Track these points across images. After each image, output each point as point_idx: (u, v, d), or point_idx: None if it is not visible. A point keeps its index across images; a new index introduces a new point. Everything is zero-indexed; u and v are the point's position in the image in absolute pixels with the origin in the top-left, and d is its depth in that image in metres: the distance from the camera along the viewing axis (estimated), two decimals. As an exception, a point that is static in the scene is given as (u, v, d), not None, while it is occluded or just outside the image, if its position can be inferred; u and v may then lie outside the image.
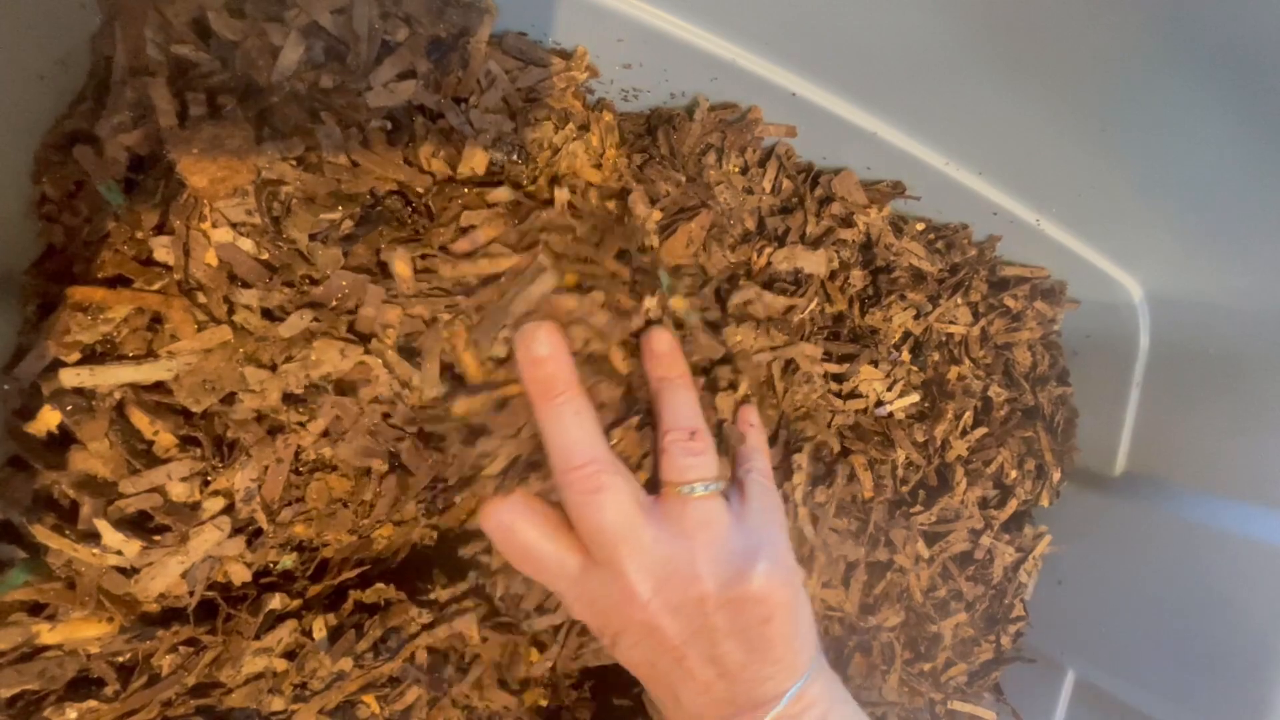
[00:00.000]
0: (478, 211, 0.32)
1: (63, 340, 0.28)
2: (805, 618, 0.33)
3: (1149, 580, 0.50)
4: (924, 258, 0.50)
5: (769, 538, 0.32)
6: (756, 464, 0.35)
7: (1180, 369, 0.51)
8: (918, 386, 0.49)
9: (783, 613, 0.31)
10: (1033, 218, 0.49)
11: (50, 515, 0.28)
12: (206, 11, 0.30)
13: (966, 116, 0.41)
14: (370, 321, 0.32)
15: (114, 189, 0.29)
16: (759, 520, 0.33)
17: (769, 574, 0.30)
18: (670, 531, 0.30)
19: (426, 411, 0.33)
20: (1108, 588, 0.53)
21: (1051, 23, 0.33)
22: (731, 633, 0.30)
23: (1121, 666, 0.50)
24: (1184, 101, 0.35)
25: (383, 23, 0.32)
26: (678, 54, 0.38)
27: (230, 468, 0.31)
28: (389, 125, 0.32)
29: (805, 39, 0.38)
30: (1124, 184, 0.43)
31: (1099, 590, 0.53)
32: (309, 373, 0.31)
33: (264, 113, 0.30)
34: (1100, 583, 0.53)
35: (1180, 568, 0.49)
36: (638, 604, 0.30)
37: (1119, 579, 0.52)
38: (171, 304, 0.29)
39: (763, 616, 0.30)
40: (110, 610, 0.30)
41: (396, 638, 0.36)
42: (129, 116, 0.29)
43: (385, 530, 0.37)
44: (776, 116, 0.43)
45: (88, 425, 0.28)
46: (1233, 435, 0.48)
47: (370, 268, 0.32)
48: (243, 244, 0.30)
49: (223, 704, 0.33)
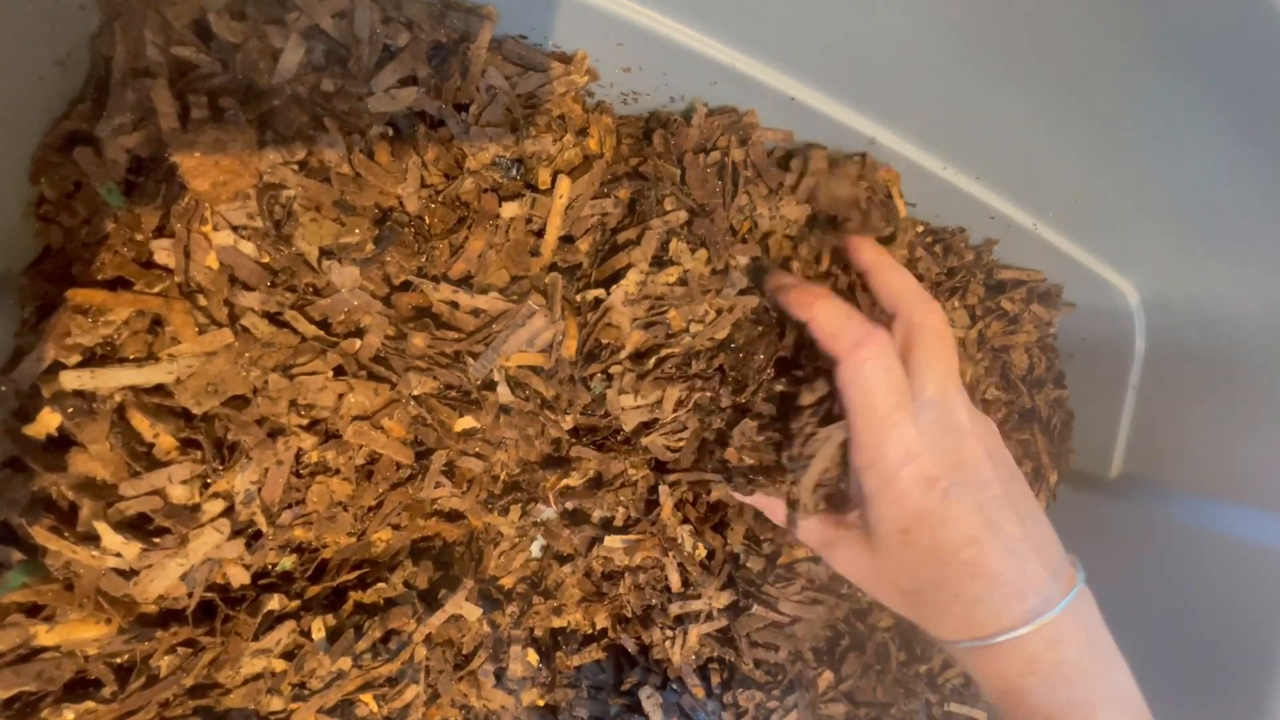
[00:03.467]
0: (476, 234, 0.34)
1: (63, 342, 0.28)
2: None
3: (1146, 583, 0.50)
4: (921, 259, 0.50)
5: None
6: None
7: (1176, 372, 0.51)
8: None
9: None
10: (1030, 222, 0.49)
11: (49, 517, 0.28)
12: (207, 13, 0.30)
13: (965, 121, 0.41)
14: (371, 349, 0.33)
15: (114, 191, 0.29)
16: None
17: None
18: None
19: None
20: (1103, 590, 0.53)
21: (1050, 28, 0.33)
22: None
23: (1116, 668, 0.50)
24: (1182, 107, 0.35)
25: (384, 27, 0.32)
26: (677, 58, 0.38)
27: (230, 470, 0.31)
28: (390, 132, 0.32)
29: (805, 44, 0.38)
30: (1121, 189, 0.43)
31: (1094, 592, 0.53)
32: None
33: (265, 116, 0.30)
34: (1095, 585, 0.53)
35: (1176, 570, 0.49)
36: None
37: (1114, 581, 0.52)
38: (172, 307, 0.29)
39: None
40: (108, 611, 0.30)
41: (397, 639, 0.36)
42: (129, 118, 0.29)
43: (384, 533, 0.37)
44: (775, 121, 0.43)
45: (88, 428, 0.28)
46: (1228, 438, 0.48)
47: (379, 292, 0.33)
48: (244, 247, 0.30)
49: (221, 704, 0.34)
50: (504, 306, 0.35)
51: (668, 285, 0.38)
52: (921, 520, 0.30)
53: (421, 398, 0.35)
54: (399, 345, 0.34)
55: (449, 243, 0.34)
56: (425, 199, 0.34)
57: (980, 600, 0.31)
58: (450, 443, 0.36)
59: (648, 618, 0.45)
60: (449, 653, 0.40)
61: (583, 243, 0.38)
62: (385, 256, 0.33)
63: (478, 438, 0.38)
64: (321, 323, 0.32)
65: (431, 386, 0.35)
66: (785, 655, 0.45)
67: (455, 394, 0.36)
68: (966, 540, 0.30)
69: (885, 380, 0.30)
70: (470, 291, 0.35)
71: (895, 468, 0.30)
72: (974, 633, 0.31)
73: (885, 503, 0.31)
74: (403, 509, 0.37)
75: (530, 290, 0.36)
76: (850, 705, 0.46)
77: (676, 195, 0.39)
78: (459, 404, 0.36)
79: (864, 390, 0.30)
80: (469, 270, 0.35)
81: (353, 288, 0.32)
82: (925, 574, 0.31)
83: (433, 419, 0.35)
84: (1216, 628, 0.46)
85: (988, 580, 0.31)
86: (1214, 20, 0.30)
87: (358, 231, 0.32)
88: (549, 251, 0.37)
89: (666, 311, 0.38)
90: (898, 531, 0.31)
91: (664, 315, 0.38)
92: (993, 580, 0.31)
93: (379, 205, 0.33)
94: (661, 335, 0.38)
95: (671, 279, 0.38)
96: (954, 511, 0.30)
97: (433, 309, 0.35)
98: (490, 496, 0.41)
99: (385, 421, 0.34)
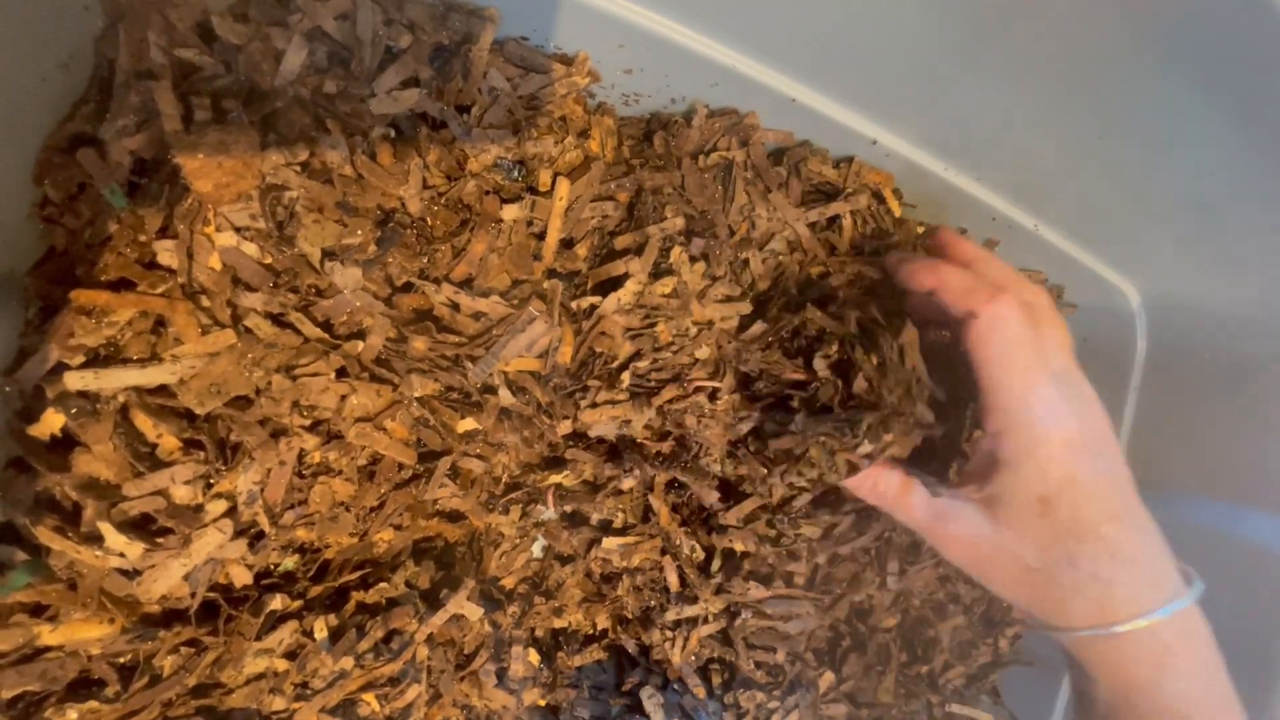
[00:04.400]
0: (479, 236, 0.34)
1: (67, 343, 0.28)
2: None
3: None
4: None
5: None
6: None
7: (1177, 374, 0.51)
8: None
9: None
10: (1031, 223, 0.49)
11: (52, 517, 0.28)
12: (210, 15, 0.30)
13: (965, 122, 0.41)
14: (373, 351, 0.33)
15: (117, 192, 0.29)
16: None
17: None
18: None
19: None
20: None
21: (1050, 29, 0.33)
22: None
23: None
24: (1182, 108, 0.35)
25: (386, 29, 0.32)
26: (679, 59, 0.38)
27: (233, 470, 0.31)
28: (392, 133, 0.32)
29: (806, 45, 0.38)
30: (1122, 190, 0.43)
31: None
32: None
33: (268, 117, 0.30)
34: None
35: (1175, 571, 0.49)
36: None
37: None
38: (176, 307, 0.29)
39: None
40: (112, 611, 0.30)
41: (399, 638, 0.36)
42: (133, 120, 0.29)
43: (385, 534, 0.37)
44: (776, 122, 0.43)
45: (92, 428, 0.28)
46: (1229, 439, 0.48)
47: (381, 294, 0.33)
48: (247, 248, 0.30)
49: (224, 704, 0.34)
50: (505, 311, 0.35)
51: (664, 296, 0.38)
52: (1064, 490, 0.28)
53: (424, 399, 0.35)
54: (401, 348, 0.34)
55: (451, 245, 0.34)
56: (427, 201, 0.34)
57: (1117, 582, 0.28)
58: (454, 444, 0.37)
59: (647, 619, 0.45)
60: (451, 653, 0.40)
61: (581, 247, 0.38)
62: (387, 258, 0.33)
63: (479, 439, 0.38)
64: (324, 324, 0.32)
65: (433, 389, 0.35)
66: (784, 656, 0.45)
67: (457, 396, 0.36)
68: (1109, 515, 0.28)
69: (1024, 332, 0.29)
70: (472, 294, 0.35)
71: (1042, 430, 0.28)
72: (1106, 618, 0.28)
73: (1028, 468, 0.28)
74: (405, 509, 0.37)
75: (531, 295, 0.36)
76: (851, 706, 0.46)
77: (676, 201, 0.39)
78: (460, 406, 0.36)
79: (1005, 341, 0.28)
80: (470, 273, 0.35)
81: (355, 289, 0.32)
82: (1058, 550, 0.29)
83: (436, 420, 0.36)
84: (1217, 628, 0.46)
85: (1126, 561, 0.28)
86: (1214, 21, 0.30)
87: (360, 233, 0.32)
88: (550, 254, 0.37)
89: (656, 325, 0.38)
90: (1035, 501, 0.29)
91: (654, 328, 0.38)
92: (1131, 561, 0.28)
93: (381, 207, 0.33)
94: (649, 347, 0.38)
95: (667, 289, 0.38)
96: (1100, 484, 0.29)
97: (434, 311, 0.35)
98: (491, 497, 0.41)
99: (388, 423, 0.34)
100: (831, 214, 0.43)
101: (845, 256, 0.43)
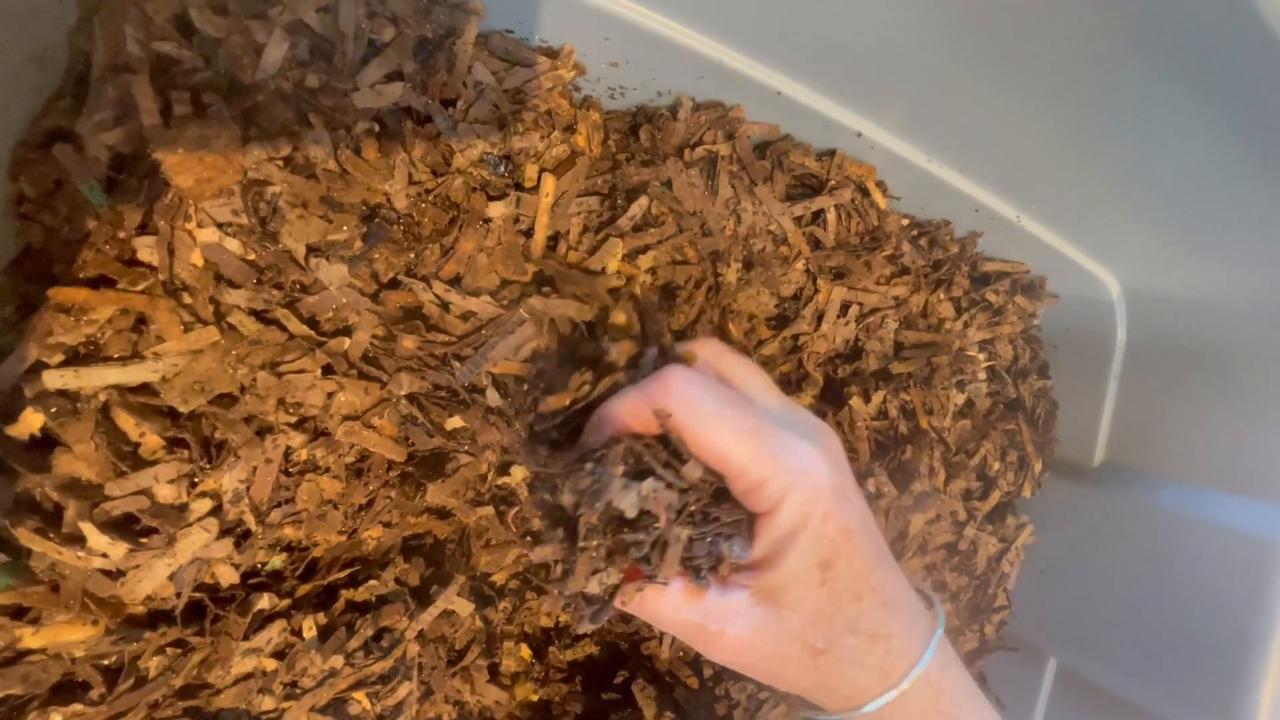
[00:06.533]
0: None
1: (45, 342, 0.27)
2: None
3: (1128, 568, 0.51)
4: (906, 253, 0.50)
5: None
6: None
7: (1157, 362, 0.52)
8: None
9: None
10: (1013, 214, 0.49)
11: (33, 518, 0.28)
12: (188, 8, 0.29)
13: (949, 115, 0.42)
14: (360, 348, 0.32)
15: (95, 188, 0.29)
16: None
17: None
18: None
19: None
20: (1088, 576, 0.54)
21: (1033, 22, 0.34)
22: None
23: (1102, 653, 0.51)
24: (1163, 101, 0.36)
25: (369, 22, 0.31)
26: (665, 52, 0.38)
27: (218, 469, 0.31)
28: (377, 128, 0.32)
29: (791, 38, 0.38)
30: (1103, 182, 0.44)
31: (1080, 579, 0.54)
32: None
33: (249, 112, 0.29)
34: (1081, 572, 0.54)
35: (1158, 556, 0.50)
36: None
37: (1099, 568, 0.53)
38: (157, 305, 0.29)
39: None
40: (95, 613, 0.30)
41: (389, 636, 0.36)
42: (110, 114, 0.29)
43: (374, 531, 0.37)
44: (762, 115, 0.43)
45: (72, 427, 0.28)
46: (1208, 426, 0.49)
47: (367, 290, 0.32)
48: (229, 244, 0.30)
49: (211, 705, 0.33)
50: (495, 311, 0.35)
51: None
52: (841, 548, 0.24)
53: (413, 396, 0.35)
54: (389, 345, 0.33)
55: (440, 244, 0.34)
56: (414, 197, 0.34)
57: (893, 635, 0.26)
58: (444, 441, 0.36)
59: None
60: (442, 649, 0.40)
61: (562, 245, 0.38)
62: (373, 254, 0.32)
63: (467, 437, 0.38)
64: (309, 320, 0.32)
65: (422, 386, 0.35)
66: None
67: (444, 394, 0.36)
68: (876, 559, 0.25)
69: (717, 392, 0.24)
70: (462, 293, 0.34)
71: (812, 483, 0.24)
72: (891, 680, 0.25)
73: (806, 536, 0.24)
74: (393, 506, 0.37)
75: (521, 296, 0.36)
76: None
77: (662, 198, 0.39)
78: (448, 404, 0.36)
79: (696, 404, 0.24)
80: (459, 271, 0.35)
81: (341, 285, 0.32)
82: (840, 620, 0.25)
83: (425, 418, 0.35)
84: (1198, 611, 0.47)
85: (895, 606, 0.26)
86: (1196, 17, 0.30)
87: (345, 228, 0.32)
88: (538, 253, 0.37)
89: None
90: (816, 569, 0.24)
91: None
92: (897, 605, 0.26)
93: (366, 202, 0.32)
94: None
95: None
96: (866, 525, 0.25)
97: (423, 309, 0.35)
98: (478, 495, 0.40)
99: (376, 420, 0.34)
100: (817, 208, 0.44)
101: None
